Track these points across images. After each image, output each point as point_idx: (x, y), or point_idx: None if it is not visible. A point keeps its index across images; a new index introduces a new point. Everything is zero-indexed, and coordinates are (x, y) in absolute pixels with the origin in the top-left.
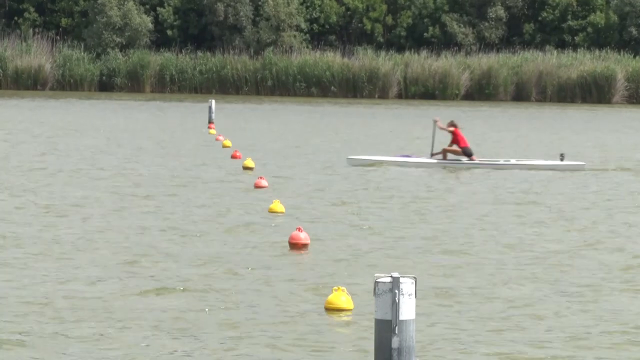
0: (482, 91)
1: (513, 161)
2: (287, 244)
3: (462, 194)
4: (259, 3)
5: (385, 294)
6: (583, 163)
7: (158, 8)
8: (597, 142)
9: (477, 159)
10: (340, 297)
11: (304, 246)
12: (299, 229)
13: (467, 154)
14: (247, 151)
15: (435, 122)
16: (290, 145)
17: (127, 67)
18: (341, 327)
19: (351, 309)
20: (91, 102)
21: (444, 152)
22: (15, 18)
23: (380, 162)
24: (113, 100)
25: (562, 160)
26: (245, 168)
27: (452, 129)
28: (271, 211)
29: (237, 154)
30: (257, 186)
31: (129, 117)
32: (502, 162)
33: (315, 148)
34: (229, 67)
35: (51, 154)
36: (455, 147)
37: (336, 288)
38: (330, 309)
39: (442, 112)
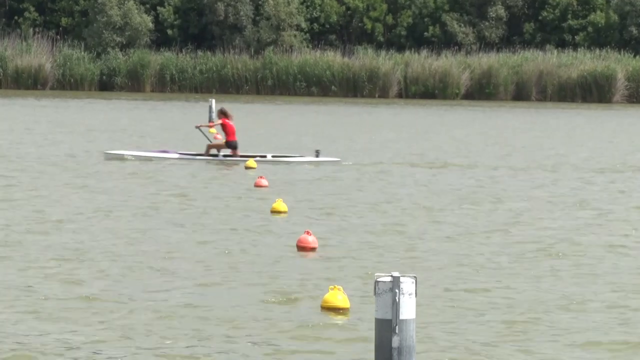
0: (482, 91)
1: (269, 156)
2: (289, 244)
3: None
4: (259, 2)
5: (385, 294)
6: (338, 159)
7: (158, 7)
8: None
9: (239, 153)
10: (337, 296)
11: (312, 250)
12: (308, 232)
13: (232, 147)
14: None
15: (197, 127)
16: (290, 144)
17: (127, 66)
18: (339, 326)
19: (348, 308)
20: (91, 101)
21: (208, 148)
22: (16, 17)
23: (135, 157)
24: (113, 100)
25: (317, 156)
26: (247, 167)
27: (219, 121)
28: (274, 211)
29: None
30: (257, 186)
31: (128, 117)
32: (258, 157)
33: (312, 147)
34: (229, 66)
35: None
36: (218, 142)
37: (332, 287)
38: (327, 308)
39: (442, 112)
